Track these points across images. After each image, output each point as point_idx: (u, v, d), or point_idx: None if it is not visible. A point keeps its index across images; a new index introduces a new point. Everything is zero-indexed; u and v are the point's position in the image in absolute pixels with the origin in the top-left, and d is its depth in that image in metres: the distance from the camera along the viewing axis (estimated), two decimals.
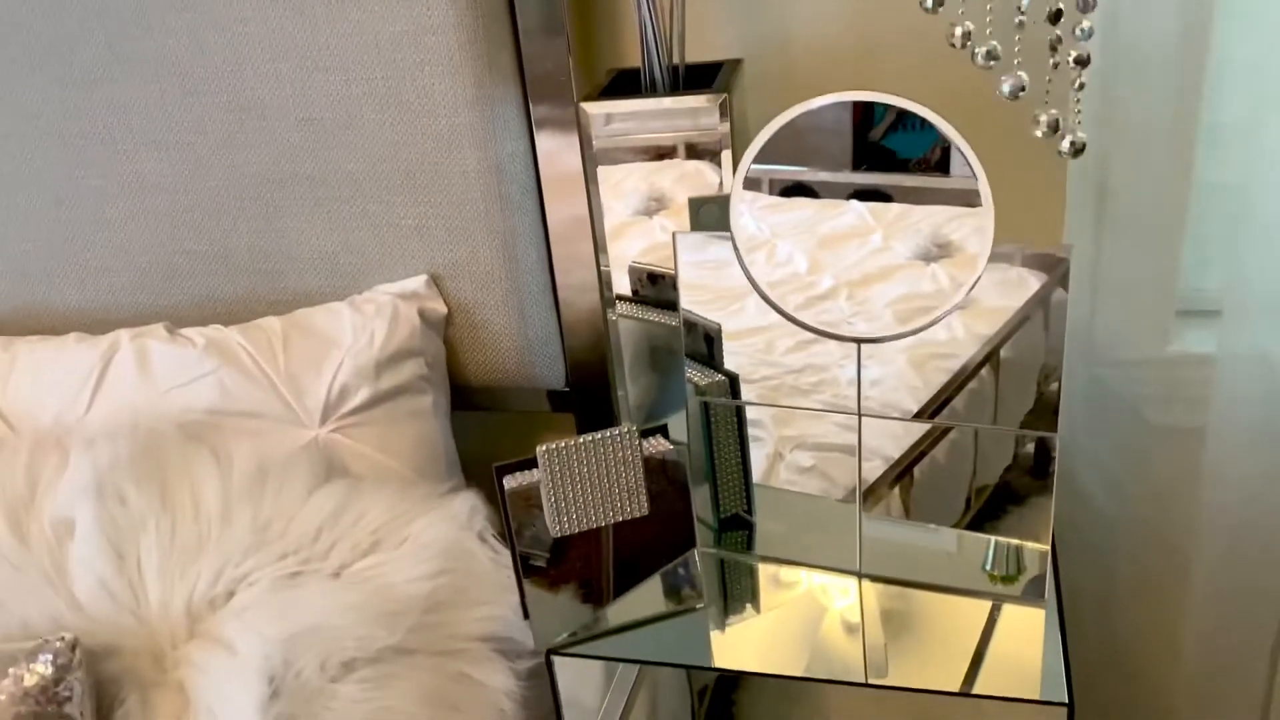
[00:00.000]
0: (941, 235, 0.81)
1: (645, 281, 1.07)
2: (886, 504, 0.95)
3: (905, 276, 0.84)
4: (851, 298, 0.86)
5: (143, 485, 1.00)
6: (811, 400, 0.92)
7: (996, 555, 0.92)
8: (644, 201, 1.01)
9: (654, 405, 1.14)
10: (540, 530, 0.88)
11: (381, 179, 1.10)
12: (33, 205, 1.19)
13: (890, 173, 0.82)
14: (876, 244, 0.84)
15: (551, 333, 1.16)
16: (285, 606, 0.93)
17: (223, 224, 1.16)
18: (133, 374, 1.09)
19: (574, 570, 0.91)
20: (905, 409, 0.89)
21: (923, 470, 0.93)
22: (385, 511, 1.00)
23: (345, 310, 1.11)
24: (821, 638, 0.92)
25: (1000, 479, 0.90)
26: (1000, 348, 0.84)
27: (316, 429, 1.08)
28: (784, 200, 0.85)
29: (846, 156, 0.82)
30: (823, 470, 0.96)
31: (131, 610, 0.95)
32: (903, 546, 0.95)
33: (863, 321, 0.85)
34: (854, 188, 0.83)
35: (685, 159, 0.97)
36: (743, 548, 1.02)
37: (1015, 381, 0.85)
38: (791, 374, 0.92)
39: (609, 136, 0.98)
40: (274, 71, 1.07)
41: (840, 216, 0.84)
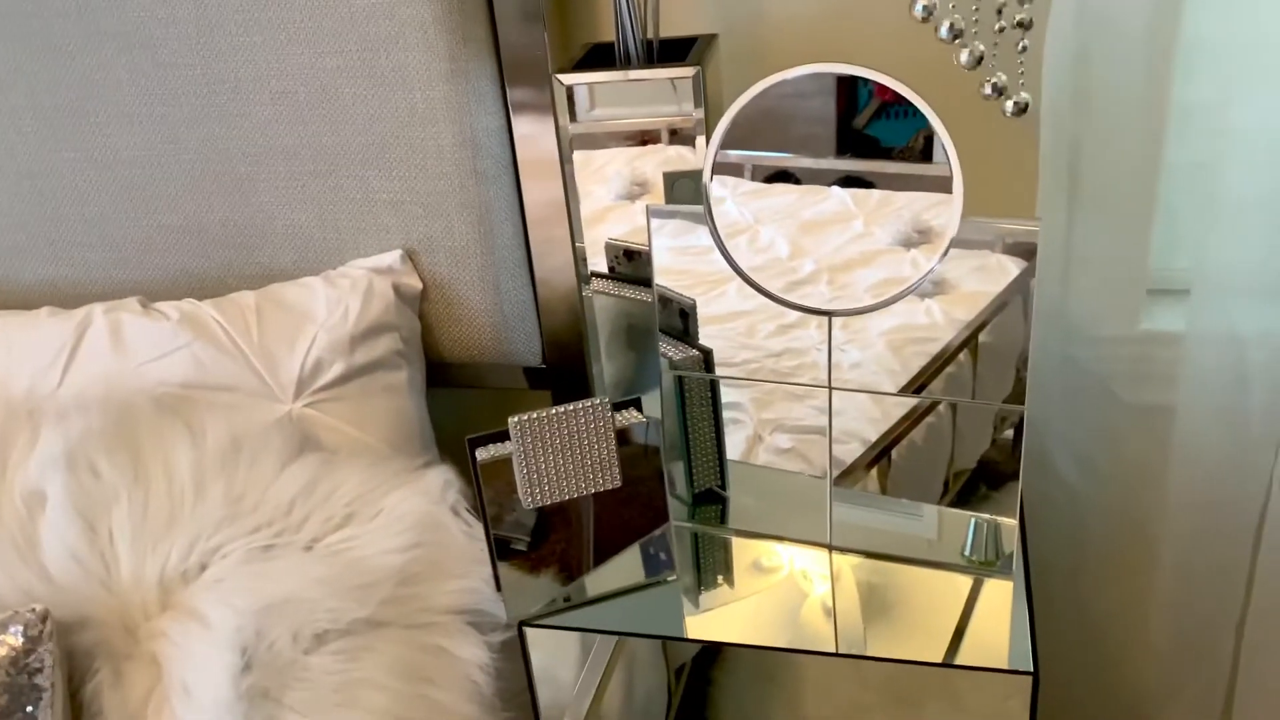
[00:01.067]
0: (922, 221, 0.82)
1: (622, 258, 1.07)
2: (864, 486, 0.96)
3: (885, 261, 0.84)
4: (832, 282, 0.86)
5: (115, 457, 0.99)
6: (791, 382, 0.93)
7: (975, 541, 0.93)
8: (626, 186, 1.01)
9: (631, 382, 1.14)
10: (513, 502, 0.89)
11: (356, 153, 1.10)
12: (3, 178, 1.18)
13: (873, 159, 0.82)
14: (858, 230, 0.85)
15: (528, 309, 1.16)
16: (258, 579, 0.93)
17: (196, 198, 1.15)
18: (106, 347, 1.09)
19: (547, 543, 0.92)
20: (865, 438, 0.91)
21: (900, 453, 0.93)
22: (359, 485, 1.00)
23: (319, 285, 1.11)
24: (794, 610, 0.93)
25: (978, 463, 0.90)
26: (979, 333, 0.85)
27: (290, 403, 1.07)
28: (766, 186, 0.86)
29: (830, 144, 0.82)
30: (801, 452, 0.96)
31: (103, 582, 0.95)
32: (877, 523, 0.96)
33: (843, 305, 0.86)
34: (837, 175, 0.83)
35: (669, 144, 0.97)
36: (716, 522, 1.03)
37: (994, 366, 0.86)
38: (771, 357, 0.92)
39: (592, 120, 0.97)
40: (246, 44, 1.06)
41: (822, 203, 0.85)
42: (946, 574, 0.93)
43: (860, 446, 0.94)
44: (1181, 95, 1.01)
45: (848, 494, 0.95)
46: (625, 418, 0.89)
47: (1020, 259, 0.82)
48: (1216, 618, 1.12)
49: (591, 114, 0.97)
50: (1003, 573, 0.92)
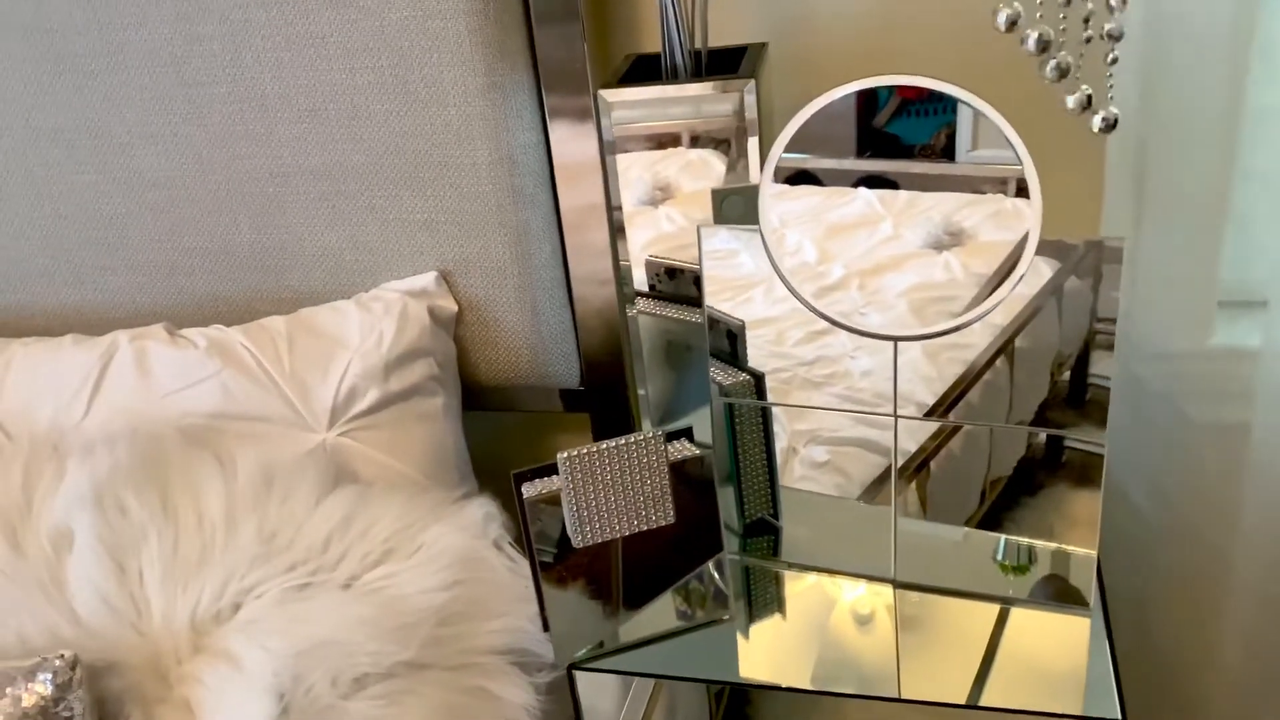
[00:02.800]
0: (953, 223, 0.79)
1: (663, 276, 1.03)
2: (904, 499, 0.92)
3: (917, 265, 0.81)
4: (863, 287, 0.83)
5: (143, 494, 0.96)
6: (824, 393, 0.90)
7: (1007, 545, 0.89)
8: (649, 191, 0.97)
9: (671, 404, 1.10)
10: (560, 539, 0.84)
11: (388, 172, 1.06)
12: (25, 201, 1.15)
13: (895, 159, 0.80)
14: (886, 232, 0.82)
15: (566, 330, 1.12)
16: (294, 620, 0.90)
17: (224, 220, 1.11)
18: (132, 377, 1.05)
19: (595, 580, 0.87)
20: (920, 401, 0.86)
21: (939, 464, 0.90)
22: (396, 519, 0.96)
23: (352, 309, 1.07)
24: (852, 648, 0.88)
25: (1013, 470, 0.87)
26: (1015, 337, 0.82)
27: (324, 433, 1.04)
28: (791, 188, 0.83)
29: (850, 143, 0.80)
30: (838, 465, 0.93)
31: (133, 624, 0.91)
32: (931, 550, 0.92)
33: (875, 312, 0.83)
34: (859, 174, 0.81)
35: (689, 147, 0.94)
36: (769, 553, 0.98)
37: (1029, 371, 0.83)
38: (803, 366, 0.89)
39: (617, 125, 0.93)
40: (275, 60, 1.03)
41: (848, 204, 0.82)
42: (1015, 609, 0.88)
43: (899, 457, 0.90)
44: (1257, 99, 0.96)
45: (903, 522, 0.91)
46: (679, 450, 0.85)
47: (1054, 260, 0.78)
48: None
49: (616, 115, 0.93)
50: (1077, 607, 0.87)
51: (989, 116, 0.74)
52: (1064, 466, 0.85)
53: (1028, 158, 0.72)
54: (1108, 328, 0.79)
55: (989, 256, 0.79)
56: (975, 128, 0.76)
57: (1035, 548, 0.88)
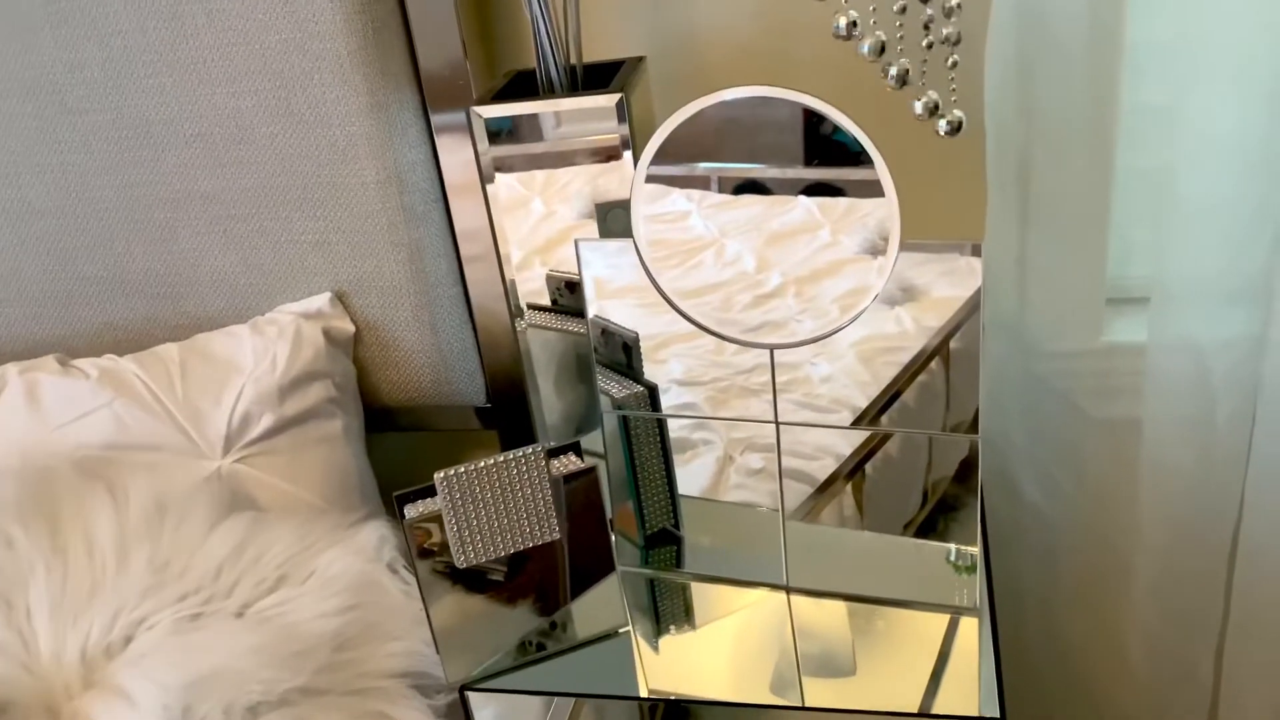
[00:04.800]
0: (885, 228, 0.79)
1: (564, 290, 1.03)
2: (839, 503, 0.91)
3: (852, 271, 0.82)
4: (799, 295, 0.83)
5: (31, 527, 0.94)
6: (762, 400, 0.89)
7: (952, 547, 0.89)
8: (588, 205, 0.97)
9: (580, 419, 1.09)
10: (443, 559, 0.84)
11: (278, 194, 1.05)
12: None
13: (841, 166, 0.79)
14: (825, 239, 0.82)
15: (468, 347, 1.11)
16: (185, 651, 0.88)
17: (116, 248, 1.10)
18: (22, 410, 1.03)
19: (487, 599, 0.87)
20: (856, 405, 0.87)
21: (876, 466, 0.90)
22: (290, 545, 0.95)
23: (246, 333, 1.06)
24: (757, 660, 0.88)
25: (955, 472, 0.87)
26: (950, 339, 0.82)
27: (219, 460, 1.02)
28: (732, 198, 0.83)
29: (799, 151, 0.79)
30: (773, 472, 0.92)
31: (22, 662, 0.89)
32: (840, 558, 0.92)
33: (810, 319, 0.83)
34: (806, 183, 0.80)
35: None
36: (671, 565, 0.98)
37: (966, 372, 0.83)
38: (742, 374, 0.89)
39: (558, 139, 0.93)
40: (156, 86, 1.02)
41: (789, 213, 0.82)
42: (916, 613, 0.89)
43: (834, 462, 0.90)
44: (1131, 98, 0.98)
45: (807, 530, 0.91)
46: (564, 464, 0.85)
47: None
48: (1195, 637, 1.08)
49: (558, 130, 0.93)
50: (963, 608, 0.87)
51: (841, 124, 0.74)
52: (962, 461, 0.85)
53: (880, 160, 0.73)
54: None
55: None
56: None
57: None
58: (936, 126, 0.66)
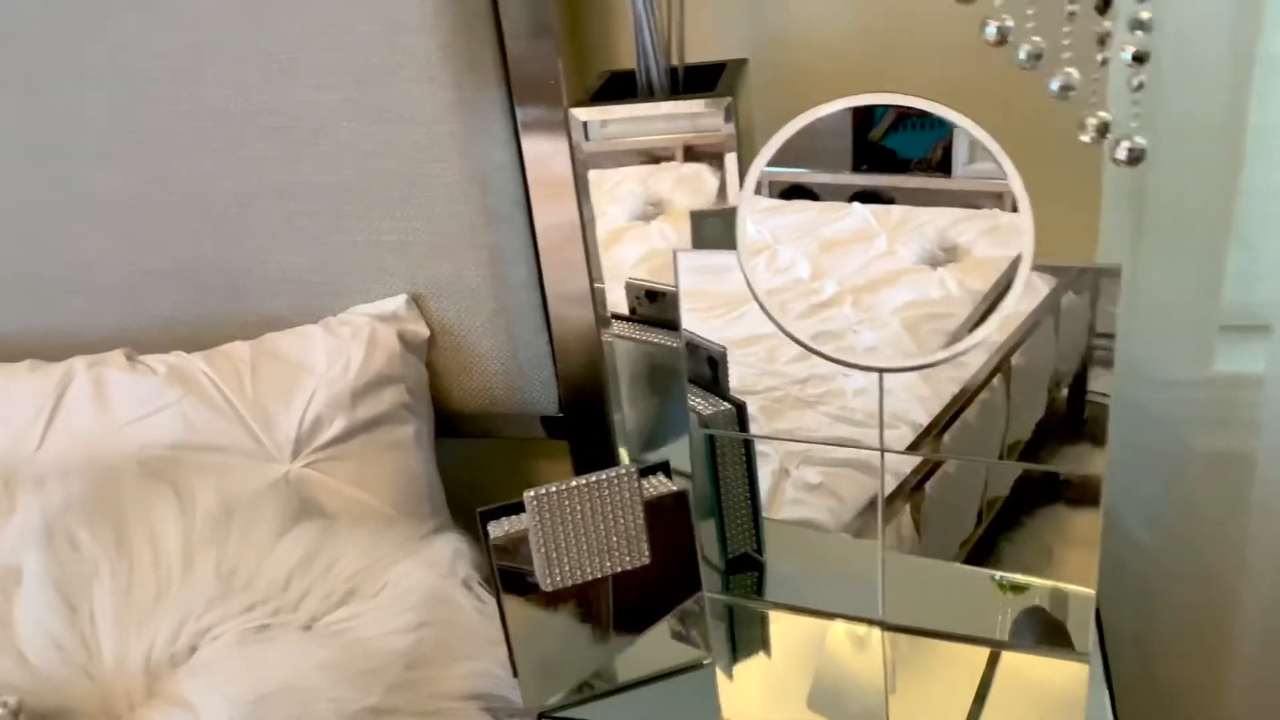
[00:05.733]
0: (948, 238, 0.77)
1: (643, 299, 0.99)
2: (896, 524, 0.87)
3: (912, 282, 0.79)
4: (857, 304, 0.80)
5: (97, 529, 0.91)
6: (817, 411, 0.86)
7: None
8: (641, 206, 0.93)
9: (653, 431, 1.05)
10: (531, 579, 0.80)
11: (356, 192, 1.01)
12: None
13: (891, 173, 0.77)
14: (881, 248, 0.79)
15: (543, 355, 1.08)
16: (252, 664, 0.85)
17: (185, 240, 1.07)
18: (89, 406, 1.01)
19: (567, 623, 0.83)
20: (914, 421, 0.83)
21: (934, 485, 0.86)
22: (361, 556, 0.92)
23: (318, 334, 1.03)
24: (839, 692, 0.84)
25: (1010, 491, 0.83)
26: (1011, 355, 0.79)
27: (287, 464, 0.99)
28: (784, 203, 0.80)
29: (846, 157, 0.77)
30: (830, 487, 0.89)
31: (84, 668, 0.87)
32: (923, 584, 0.87)
33: (868, 330, 0.80)
34: (854, 189, 0.78)
35: (683, 161, 0.90)
36: (752, 592, 0.94)
37: (1026, 389, 0.80)
38: (796, 384, 0.86)
39: (604, 139, 0.90)
40: (237, 76, 0.99)
41: (842, 220, 0.79)
42: (1013, 654, 0.84)
43: (892, 479, 0.86)
44: (1261, 117, 0.92)
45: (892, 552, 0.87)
46: (655, 486, 0.81)
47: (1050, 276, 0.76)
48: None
49: (604, 130, 0.89)
50: (1074, 651, 0.82)
51: (972, 133, 0.70)
52: (1063, 485, 0.81)
53: (1015, 175, 0.68)
54: (1106, 344, 0.76)
55: (985, 273, 0.76)
56: (972, 142, 0.74)
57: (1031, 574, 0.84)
58: (1116, 154, 0.61)
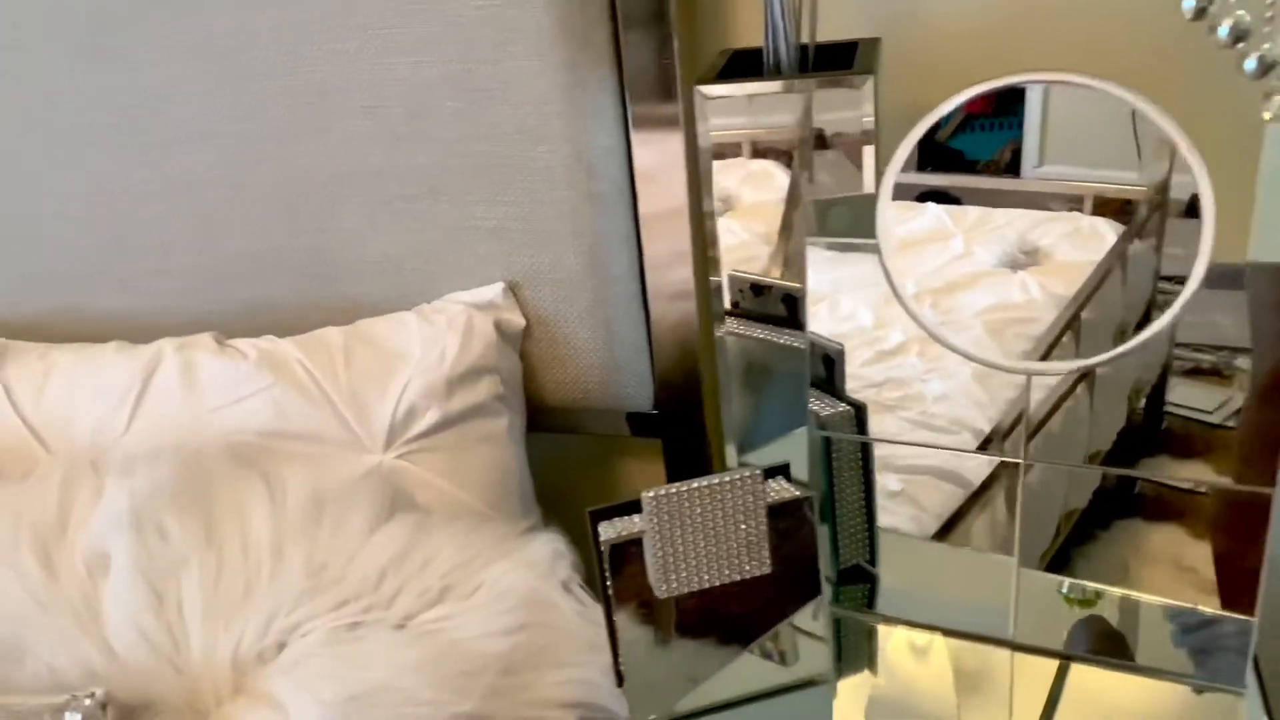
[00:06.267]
0: (1029, 242, 0.75)
1: (747, 293, 0.94)
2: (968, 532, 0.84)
3: (992, 285, 0.77)
4: (936, 305, 0.78)
5: (186, 517, 0.89)
6: (895, 417, 0.83)
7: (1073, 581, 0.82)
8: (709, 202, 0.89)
9: (749, 432, 1.01)
10: (638, 585, 0.75)
11: (456, 175, 0.98)
12: (73, 200, 1.08)
13: (959, 174, 0.76)
14: (957, 249, 0.77)
15: (640, 349, 1.03)
16: (343, 663, 0.82)
17: (278, 222, 1.04)
18: (177, 389, 0.98)
19: (677, 632, 0.78)
20: (976, 428, 0.81)
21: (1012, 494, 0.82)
22: (456, 554, 0.88)
23: (413, 321, 0.99)
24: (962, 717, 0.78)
25: (1089, 501, 0.80)
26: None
27: (380, 454, 0.96)
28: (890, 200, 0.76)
29: (913, 157, 0.75)
30: (911, 495, 0.86)
31: (171, 660, 0.84)
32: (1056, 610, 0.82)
33: (951, 332, 0.77)
34: (921, 189, 0.77)
35: (750, 158, 0.87)
36: (863, 605, 0.89)
37: (1109, 397, 0.77)
38: (872, 387, 0.83)
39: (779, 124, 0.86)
40: (335, 53, 0.95)
41: (916, 219, 0.77)
42: (1150, 681, 0.78)
43: (961, 490, 0.84)
44: None
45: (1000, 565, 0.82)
46: (776, 490, 0.76)
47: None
48: None
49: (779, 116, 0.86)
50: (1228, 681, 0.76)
51: (1153, 118, 0.64)
52: (1140, 499, 0.78)
53: (1202, 168, 0.63)
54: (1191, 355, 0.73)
55: (1068, 277, 0.74)
56: (1042, 143, 0.73)
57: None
58: None
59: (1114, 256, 0.73)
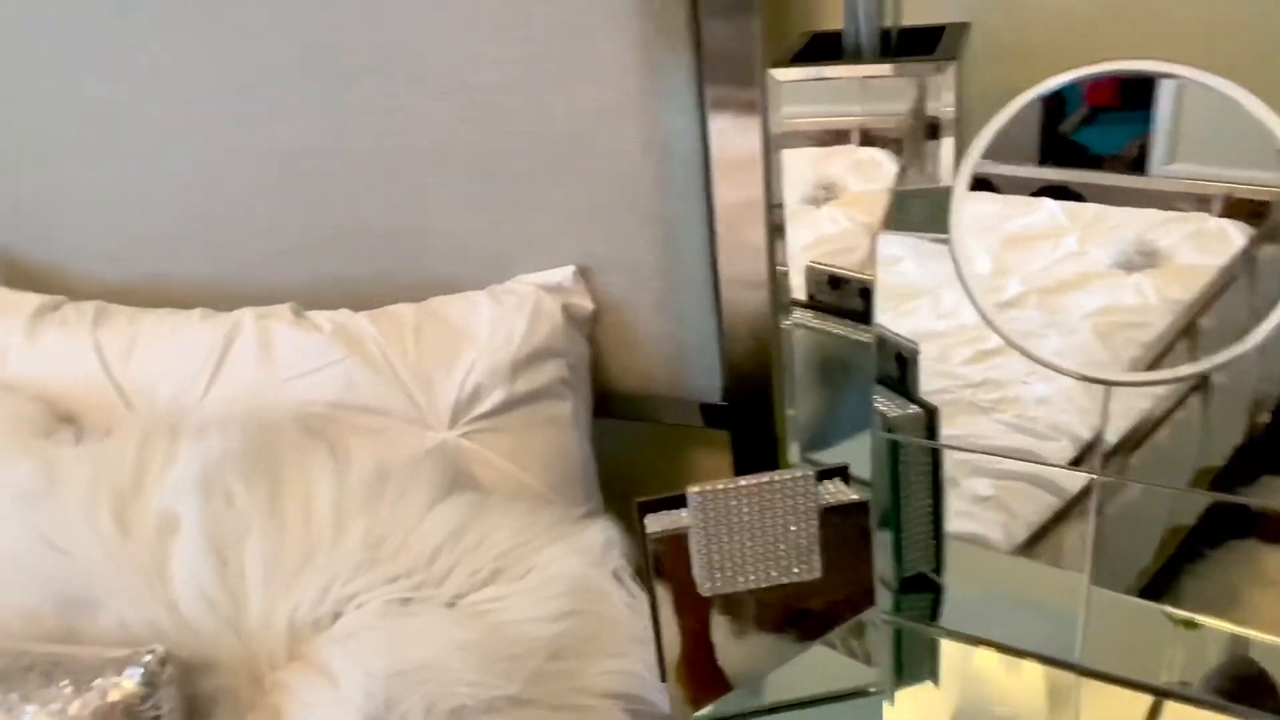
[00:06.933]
0: (1147, 242, 0.71)
1: (824, 285, 0.91)
2: (1058, 544, 0.79)
3: (1104, 286, 0.72)
4: (1042, 306, 0.73)
5: (252, 483, 0.91)
6: (991, 419, 0.78)
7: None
8: (811, 189, 0.86)
9: (820, 429, 0.98)
10: (683, 581, 0.74)
11: (532, 155, 0.97)
12: (169, 169, 1.12)
13: (1081, 169, 0.71)
14: (1071, 248, 0.73)
15: (709, 339, 1.01)
16: (394, 638, 0.82)
17: (358, 197, 1.05)
18: (254, 358, 1.00)
19: (724, 631, 0.76)
20: (1077, 435, 0.76)
21: (1114, 509, 0.77)
22: (510, 535, 0.88)
23: (484, 301, 0.99)
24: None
25: (1197, 521, 0.75)
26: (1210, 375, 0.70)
27: (444, 432, 0.96)
28: (968, 192, 0.72)
29: (1033, 149, 0.71)
30: (1003, 502, 0.81)
31: (231, 623, 0.86)
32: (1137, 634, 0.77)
33: (1056, 335, 0.72)
34: (1039, 184, 0.72)
35: (859, 145, 0.83)
36: (926, 616, 0.85)
37: (1227, 407, 0.71)
38: (969, 388, 0.79)
39: (787, 119, 0.83)
40: (421, 29, 0.95)
41: (1029, 215, 0.73)
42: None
43: (1055, 499, 0.79)
44: None
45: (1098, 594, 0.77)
46: (832, 492, 0.73)
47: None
48: None
49: (858, 102, 0.83)
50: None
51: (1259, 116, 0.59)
52: (1258, 518, 0.73)
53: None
54: None
55: (1187, 282, 0.69)
56: (1173, 139, 0.68)
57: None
58: None
59: (1240, 261, 0.68)
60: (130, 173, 1.14)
